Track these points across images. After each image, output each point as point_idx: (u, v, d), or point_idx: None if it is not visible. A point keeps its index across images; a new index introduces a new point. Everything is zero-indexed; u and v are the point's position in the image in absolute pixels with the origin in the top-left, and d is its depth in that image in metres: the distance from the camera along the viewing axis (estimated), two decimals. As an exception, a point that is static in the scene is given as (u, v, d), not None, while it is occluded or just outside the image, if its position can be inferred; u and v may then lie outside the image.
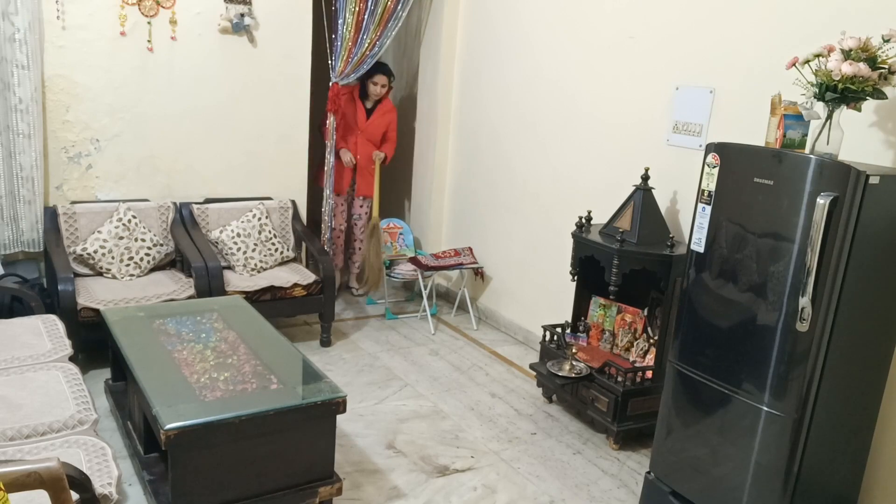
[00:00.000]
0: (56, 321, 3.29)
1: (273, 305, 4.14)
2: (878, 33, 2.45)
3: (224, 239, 4.27)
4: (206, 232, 4.33)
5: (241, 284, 4.08)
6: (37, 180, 3.97)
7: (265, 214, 4.49)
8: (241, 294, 3.98)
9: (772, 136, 2.64)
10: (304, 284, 4.23)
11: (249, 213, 4.42)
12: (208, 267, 3.96)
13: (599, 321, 3.83)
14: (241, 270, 4.25)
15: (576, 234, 3.66)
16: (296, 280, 4.22)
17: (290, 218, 4.69)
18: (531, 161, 4.59)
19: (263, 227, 4.43)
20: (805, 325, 2.35)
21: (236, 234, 4.30)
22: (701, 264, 2.70)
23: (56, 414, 2.46)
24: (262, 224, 4.42)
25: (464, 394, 3.94)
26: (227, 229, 4.31)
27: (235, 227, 4.33)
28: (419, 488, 3.03)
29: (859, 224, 2.29)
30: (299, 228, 4.69)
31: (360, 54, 4.77)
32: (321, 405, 2.61)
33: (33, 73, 3.86)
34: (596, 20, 4.05)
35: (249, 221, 4.38)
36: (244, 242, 4.30)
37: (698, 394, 2.72)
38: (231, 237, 4.29)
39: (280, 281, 4.19)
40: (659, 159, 3.63)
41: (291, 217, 4.70)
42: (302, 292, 4.23)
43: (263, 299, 4.10)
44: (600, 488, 3.13)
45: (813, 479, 2.50)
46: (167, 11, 4.20)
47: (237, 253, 4.27)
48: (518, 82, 4.66)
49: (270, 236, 4.44)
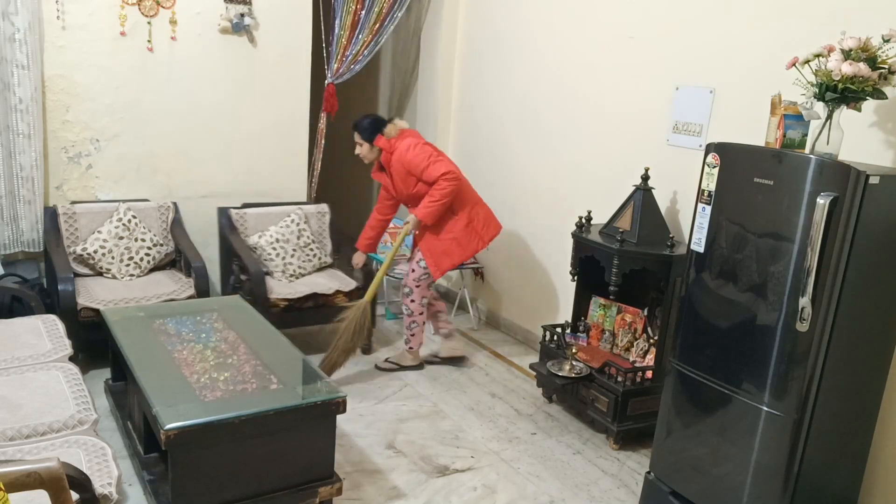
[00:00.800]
0: (56, 321, 3.29)
1: (315, 313, 4.09)
2: (878, 33, 2.45)
3: (263, 244, 4.21)
4: (245, 237, 4.26)
5: (282, 291, 4.00)
6: (37, 180, 3.97)
7: (303, 219, 4.43)
8: (283, 301, 3.95)
9: (772, 136, 2.64)
10: (346, 291, 4.18)
11: (288, 219, 4.36)
12: (251, 273, 3.88)
13: (599, 321, 3.83)
14: (279, 276, 4.20)
15: (576, 234, 3.66)
16: (337, 287, 4.16)
17: (327, 223, 4.63)
18: (531, 161, 4.59)
19: (302, 232, 4.37)
20: (805, 325, 2.35)
21: (275, 240, 4.24)
22: (701, 264, 2.70)
23: (56, 414, 2.46)
24: (300, 229, 4.36)
25: (464, 394, 3.94)
26: (266, 234, 4.25)
27: (274, 232, 4.27)
28: (419, 488, 3.03)
29: (859, 224, 2.28)
30: (337, 233, 4.63)
31: (354, 54, 4.77)
32: (321, 405, 2.61)
33: (33, 73, 3.86)
34: (596, 20, 4.05)
35: (288, 227, 4.32)
36: (283, 248, 4.25)
37: (698, 394, 2.72)
38: (270, 242, 4.22)
39: (322, 288, 4.12)
40: (659, 159, 3.63)
41: (329, 222, 4.64)
42: (344, 299, 4.15)
43: (306, 307, 4.05)
44: (600, 488, 3.13)
45: (813, 479, 2.50)
46: (167, 11, 4.21)
47: (276, 259, 4.21)
48: (518, 82, 4.66)
49: (309, 241, 4.38)
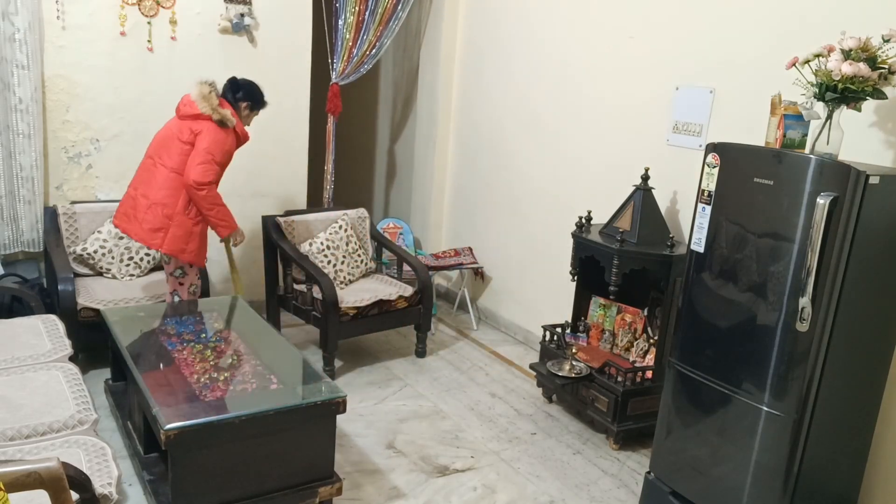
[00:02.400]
0: (56, 321, 3.29)
1: (378, 319, 4.08)
2: (878, 33, 2.45)
3: (314, 252, 4.19)
4: (296, 245, 4.20)
5: (350, 300, 3.97)
6: (37, 180, 3.97)
7: (349, 225, 4.41)
8: (353, 310, 3.93)
9: (772, 136, 2.64)
10: (407, 296, 4.16)
11: (335, 225, 4.34)
12: (322, 286, 3.83)
13: (599, 321, 3.83)
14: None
15: (576, 234, 3.66)
16: (398, 292, 4.15)
17: (367, 228, 4.61)
18: (531, 161, 4.59)
19: (350, 238, 4.36)
20: (805, 325, 2.35)
21: (325, 247, 4.23)
22: (701, 264, 2.70)
23: (56, 414, 2.46)
24: (348, 236, 4.35)
25: (464, 394, 3.94)
26: (316, 242, 4.23)
27: (323, 239, 4.25)
28: (419, 488, 3.03)
29: (859, 224, 2.28)
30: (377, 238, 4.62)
31: (360, 54, 4.77)
32: (321, 405, 2.61)
33: (33, 73, 3.85)
34: (596, 20, 4.05)
35: (336, 233, 4.30)
36: (333, 255, 4.23)
37: (698, 394, 2.72)
38: (321, 250, 4.21)
39: (385, 294, 4.11)
40: (659, 159, 3.63)
41: (369, 227, 4.62)
42: (404, 304, 4.15)
43: (371, 314, 4.03)
44: (600, 488, 3.13)
45: (813, 479, 2.50)
46: (167, 11, 4.20)
47: (328, 266, 4.19)
48: (518, 82, 4.66)
49: (356, 247, 4.38)
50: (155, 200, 3.43)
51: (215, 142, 3.44)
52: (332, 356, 3.94)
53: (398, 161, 6.13)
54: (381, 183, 6.45)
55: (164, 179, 3.44)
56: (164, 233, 3.44)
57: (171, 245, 3.46)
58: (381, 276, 4.48)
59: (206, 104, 3.43)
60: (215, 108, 3.45)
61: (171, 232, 3.45)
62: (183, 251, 3.50)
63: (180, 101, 3.54)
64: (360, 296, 4.05)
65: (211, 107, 3.44)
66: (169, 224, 3.44)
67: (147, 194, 3.45)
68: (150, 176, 3.47)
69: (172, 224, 3.45)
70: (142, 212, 3.45)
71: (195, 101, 3.45)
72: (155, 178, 3.45)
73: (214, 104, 3.46)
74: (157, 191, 3.43)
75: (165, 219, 3.43)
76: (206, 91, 3.46)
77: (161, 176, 3.44)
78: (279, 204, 4.75)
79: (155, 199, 3.43)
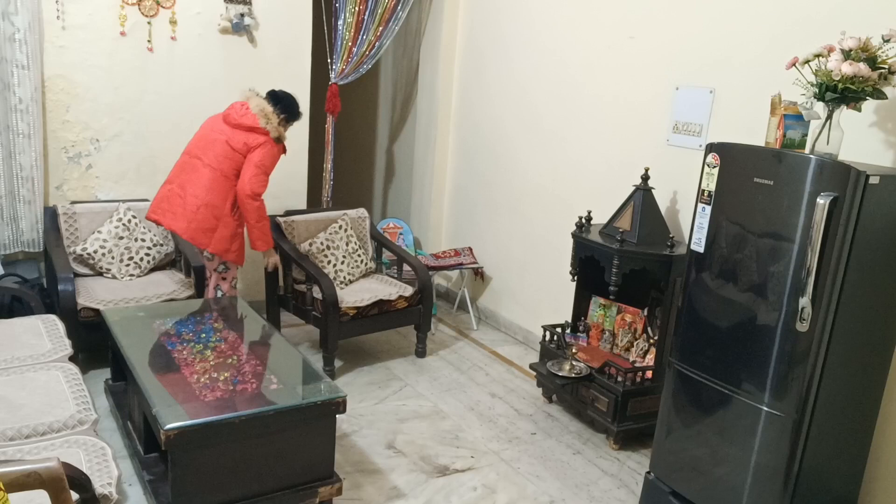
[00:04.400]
0: (56, 321, 3.29)
1: (378, 319, 4.08)
2: (878, 33, 2.45)
3: (314, 252, 4.19)
4: (297, 245, 4.21)
5: (350, 299, 3.97)
6: (37, 180, 3.97)
7: (349, 225, 4.41)
8: (353, 310, 3.93)
9: (772, 136, 2.65)
10: (407, 296, 4.16)
11: (335, 225, 4.34)
12: (322, 286, 3.83)
13: (599, 321, 3.83)
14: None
15: (576, 234, 3.66)
16: (398, 292, 4.15)
17: (367, 228, 4.61)
18: (531, 161, 4.59)
19: (350, 238, 4.36)
20: (805, 325, 2.35)
21: (325, 247, 4.23)
22: (701, 264, 2.70)
23: (56, 414, 2.46)
24: (348, 235, 4.36)
25: (464, 394, 3.94)
26: (316, 241, 4.23)
27: (323, 239, 4.25)
28: (419, 488, 3.03)
29: (859, 224, 2.28)
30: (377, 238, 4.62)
31: (360, 54, 4.77)
32: (321, 405, 2.61)
33: (33, 73, 3.85)
34: (596, 21, 4.05)
35: (336, 233, 4.30)
36: (333, 255, 4.24)
37: (698, 394, 2.72)
38: (321, 250, 4.21)
39: (385, 294, 4.10)
40: (659, 159, 3.63)
41: (369, 227, 4.62)
42: (404, 304, 4.15)
43: (371, 314, 4.03)
44: (600, 488, 3.13)
45: (813, 479, 2.50)
46: (167, 11, 4.20)
47: (328, 266, 4.19)
48: (518, 82, 4.66)
49: (356, 248, 4.38)
50: (206, 201, 3.57)
51: (269, 156, 3.63)
52: (332, 356, 3.94)
53: (398, 161, 6.12)
54: (380, 183, 6.45)
55: (211, 181, 3.57)
56: (212, 233, 3.60)
57: (218, 245, 3.63)
58: (381, 276, 4.48)
59: (267, 122, 3.61)
60: (276, 128, 3.64)
61: (219, 233, 3.62)
62: (227, 251, 3.67)
63: (231, 108, 3.66)
64: (360, 296, 4.05)
65: (273, 126, 3.62)
66: (217, 225, 3.60)
67: (197, 194, 3.58)
68: (196, 175, 3.60)
69: (220, 225, 3.61)
70: (191, 211, 3.58)
71: (255, 114, 3.60)
72: (201, 179, 3.59)
73: (275, 123, 3.64)
74: (206, 192, 3.58)
75: (214, 220, 3.59)
76: (268, 109, 3.63)
77: (207, 176, 3.58)
78: (279, 204, 4.75)
79: (205, 200, 3.57)
